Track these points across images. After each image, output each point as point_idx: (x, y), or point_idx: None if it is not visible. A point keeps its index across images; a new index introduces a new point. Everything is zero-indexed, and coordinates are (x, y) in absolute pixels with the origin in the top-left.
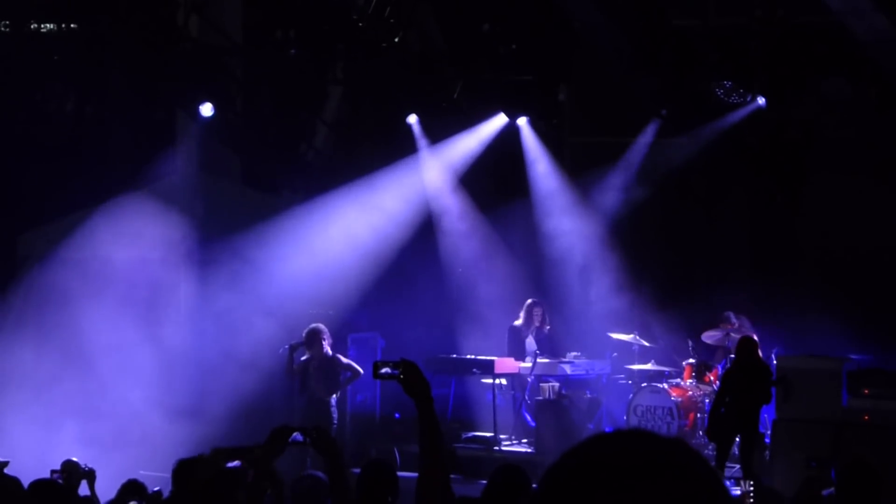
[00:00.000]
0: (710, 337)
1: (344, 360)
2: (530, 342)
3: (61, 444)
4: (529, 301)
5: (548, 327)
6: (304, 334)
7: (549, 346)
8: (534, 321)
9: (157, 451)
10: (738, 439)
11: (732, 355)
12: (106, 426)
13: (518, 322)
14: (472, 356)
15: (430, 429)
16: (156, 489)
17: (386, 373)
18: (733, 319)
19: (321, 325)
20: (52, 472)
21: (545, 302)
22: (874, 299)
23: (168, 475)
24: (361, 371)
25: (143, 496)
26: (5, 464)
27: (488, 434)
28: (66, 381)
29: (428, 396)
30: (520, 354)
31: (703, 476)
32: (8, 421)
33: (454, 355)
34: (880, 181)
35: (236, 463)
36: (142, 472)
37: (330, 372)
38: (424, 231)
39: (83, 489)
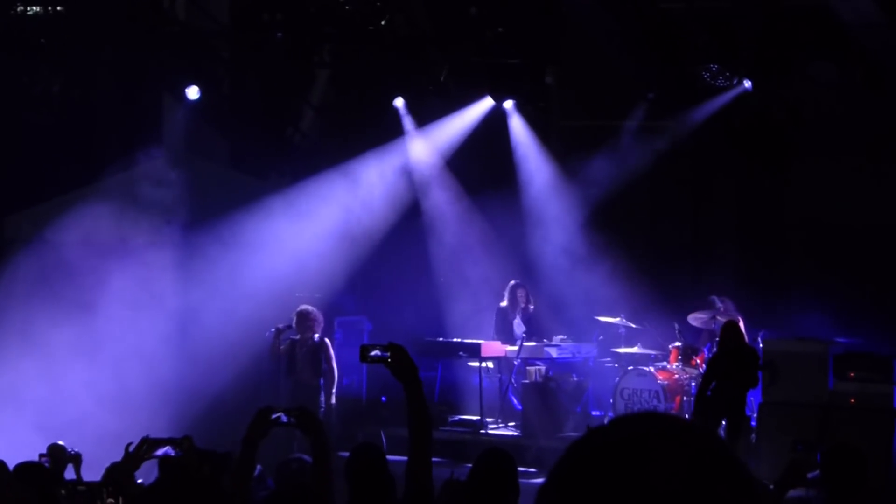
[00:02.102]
0: (696, 319)
1: (331, 351)
2: (517, 323)
3: (48, 427)
4: (512, 283)
5: (532, 307)
6: (294, 315)
7: (535, 327)
8: (519, 302)
9: (143, 434)
10: (724, 423)
11: (718, 338)
12: (92, 410)
13: (504, 303)
14: (459, 339)
15: (418, 411)
16: (139, 482)
17: (375, 356)
18: (718, 303)
19: (313, 309)
20: (40, 455)
21: (527, 283)
22: (861, 282)
23: (152, 461)
24: (335, 376)
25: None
26: None
27: (475, 417)
28: (53, 364)
29: (416, 379)
30: (507, 336)
31: (725, 453)
32: None
33: (441, 338)
34: (867, 163)
35: (167, 449)
36: None
37: (316, 356)
38: (411, 214)
39: (69, 473)
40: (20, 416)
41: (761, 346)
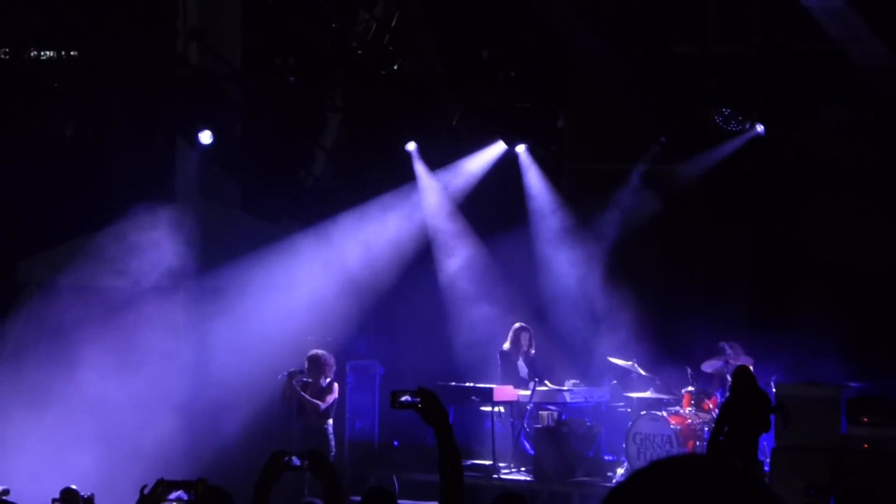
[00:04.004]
0: (709, 366)
1: (332, 395)
2: (521, 366)
3: (62, 471)
4: (516, 325)
5: (532, 350)
6: (305, 359)
7: (535, 370)
8: (522, 345)
9: (156, 477)
10: None
11: (731, 383)
12: (105, 453)
13: (506, 346)
14: (471, 384)
15: (449, 456)
16: None
17: (406, 401)
18: (727, 349)
19: (324, 353)
20: (53, 500)
21: (539, 326)
22: (873, 326)
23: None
24: (320, 406)
25: None
26: (6, 492)
27: (487, 462)
28: (66, 408)
29: (447, 424)
30: (513, 379)
31: (767, 494)
32: (9, 448)
33: (453, 383)
34: (878, 205)
35: (180, 493)
36: None
37: (322, 399)
38: (423, 258)
39: None
40: (33, 459)
41: (773, 390)
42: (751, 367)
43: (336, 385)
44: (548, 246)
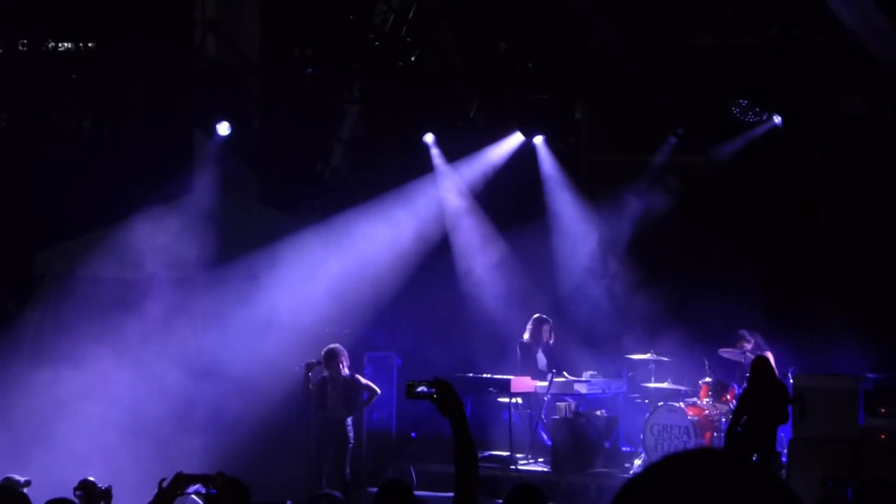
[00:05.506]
0: (726, 353)
1: (363, 380)
2: (540, 357)
3: (80, 462)
4: (536, 316)
5: (551, 341)
6: (322, 353)
7: (555, 360)
8: (543, 336)
9: (174, 469)
10: (754, 459)
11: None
12: (123, 444)
13: (526, 337)
14: (489, 375)
15: (465, 448)
16: None
17: (421, 392)
18: (748, 337)
19: (339, 346)
20: (74, 489)
21: (556, 317)
22: (891, 317)
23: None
24: (379, 391)
25: None
26: (28, 483)
27: (504, 453)
28: (83, 400)
29: (462, 415)
30: (532, 370)
31: (782, 488)
32: (28, 439)
33: (470, 374)
34: None
35: (198, 486)
36: None
37: (349, 392)
38: (440, 249)
39: None
40: (51, 450)
41: (791, 381)
42: (771, 358)
43: (358, 376)
44: (565, 237)
